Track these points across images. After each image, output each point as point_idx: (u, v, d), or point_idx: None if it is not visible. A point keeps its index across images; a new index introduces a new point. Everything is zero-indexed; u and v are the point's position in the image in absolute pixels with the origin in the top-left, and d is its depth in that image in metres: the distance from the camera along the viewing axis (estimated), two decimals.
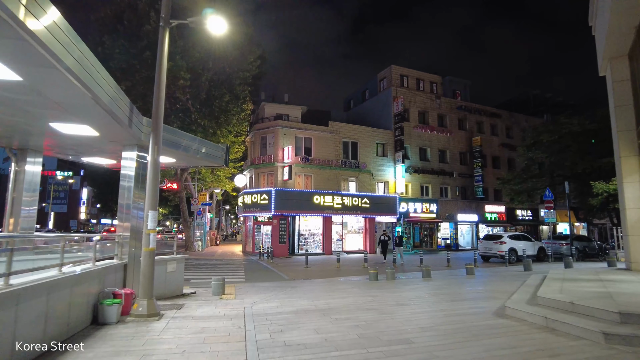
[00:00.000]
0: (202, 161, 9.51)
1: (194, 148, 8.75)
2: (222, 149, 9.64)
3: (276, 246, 24.61)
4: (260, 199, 24.94)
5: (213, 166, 10.55)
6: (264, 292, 9.58)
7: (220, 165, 9.70)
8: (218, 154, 9.59)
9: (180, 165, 9.89)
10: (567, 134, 21.82)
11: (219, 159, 9.58)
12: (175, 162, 9.24)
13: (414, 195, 31.54)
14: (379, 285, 10.40)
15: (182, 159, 9.20)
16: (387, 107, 32.00)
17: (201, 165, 10.16)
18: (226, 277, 14.31)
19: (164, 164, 9.36)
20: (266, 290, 9.85)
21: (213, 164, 9.73)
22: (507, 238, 20.55)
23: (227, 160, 9.78)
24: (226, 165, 9.68)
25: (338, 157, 28.17)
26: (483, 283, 9.87)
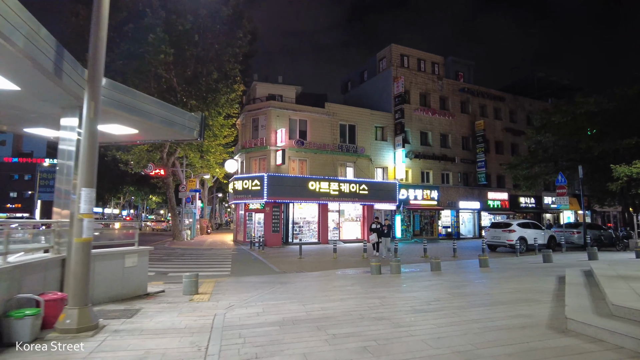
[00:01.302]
0: (172, 133, 7.84)
1: (159, 115, 7.07)
2: (196, 119, 7.97)
3: (269, 235, 23.07)
4: (251, 185, 23.31)
5: (186, 140, 8.81)
6: (247, 290, 8.01)
7: (195, 138, 8.05)
8: (191, 124, 7.92)
9: (145, 138, 8.19)
10: (581, 115, 20.23)
11: (192, 130, 7.92)
12: (137, 133, 7.57)
13: (414, 181, 30.00)
14: (383, 280, 8.86)
15: (146, 130, 7.53)
16: (387, 89, 30.24)
17: (172, 139, 8.48)
18: (209, 270, 12.79)
19: (123, 136, 7.70)
20: (250, 288, 8.29)
21: (185, 137, 8.07)
22: (517, 226, 19.09)
23: (203, 132, 8.12)
24: (201, 138, 8.03)
25: (335, 141, 26.50)
26: (506, 278, 8.35)
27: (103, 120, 6.75)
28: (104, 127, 6.99)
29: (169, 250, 19.74)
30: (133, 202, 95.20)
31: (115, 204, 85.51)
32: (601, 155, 19.62)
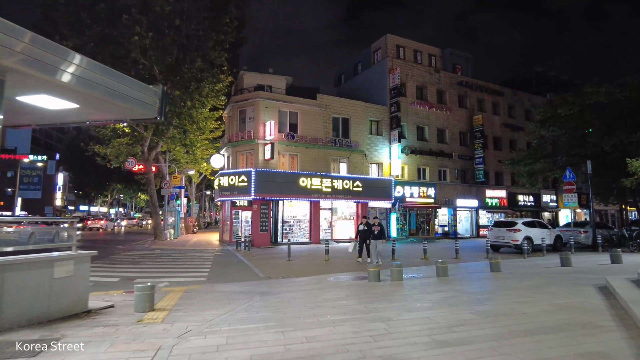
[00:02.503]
0: (126, 110, 6.30)
1: (103, 84, 5.51)
2: (152, 92, 6.42)
3: (257, 234, 21.53)
4: (238, 180, 21.73)
5: (144, 119, 7.14)
6: (217, 304, 6.49)
7: (154, 117, 6.50)
8: (149, 99, 6.37)
9: (94, 117, 6.62)
10: (589, 107, 18.95)
11: (150, 107, 6.37)
12: (79, 109, 6.01)
13: (410, 178, 28.63)
14: (384, 291, 7.39)
15: (90, 104, 5.98)
16: (382, 81, 28.81)
17: (127, 118, 6.85)
18: (184, 275, 11.26)
19: (62, 113, 6.14)
20: (222, 301, 6.78)
21: (143, 115, 6.52)
22: (522, 225, 17.77)
23: (163, 110, 6.59)
24: (161, 117, 6.50)
25: (327, 135, 25.00)
26: (531, 289, 6.85)
27: (23, 87, 5.21)
28: (27, 98, 5.44)
29: (145, 251, 18.12)
30: (121, 200, 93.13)
31: (102, 202, 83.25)
32: (611, 149, 18.36)
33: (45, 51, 4.80)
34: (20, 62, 4.44)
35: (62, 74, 4.99)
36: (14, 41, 4.29)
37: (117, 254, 16.69)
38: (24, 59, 4.47)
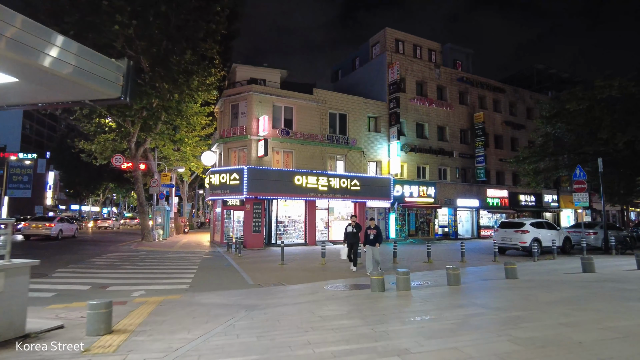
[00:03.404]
0: (80, 88, 5.13)
1: (48, 53, 4.36)
2: (114, 66, 5.26)
3: (249, 235, 20.39)
4: (229, 179, 20.57)
5: (104, 100, 5.78)
6: (189, 326, 5.35)
7: (117, 97, 5.35)
8: (109, 74, 5.22)
9: (36, 94, 5.38)
10: (599, 102, 18.00)
11: (108, 84, 5.20)
12: (19, 84, 4.85)
13: (409, 177, 27.57)
14: (391, 305, 6.29)
15: (33, 78, 4.82)
16: (381, 76, 27.73)
17: (81, 99, 5.60)
18: (165, 281, 10.10)
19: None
20: (197, 322, 5.64)
21: (100, 94, 5.36)
22: (530, 226, 16.76)
23: (129, 89, 5.44)
24: (126, 97, 5.37)
25: (324, 132, 23.89)
26: (567, 303, 5.67)
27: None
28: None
29: (130, 254, 16.93)
30: (114, 200, 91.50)
31: (94, 201, 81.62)
32: (624, 146, 17.41)
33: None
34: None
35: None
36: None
37: (98, 256, 15.50)
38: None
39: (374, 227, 11.47)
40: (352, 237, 12.01)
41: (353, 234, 12.00)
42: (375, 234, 11.33)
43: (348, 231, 12.12)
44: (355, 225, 12.10)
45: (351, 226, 12.12)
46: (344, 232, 12.29)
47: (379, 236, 11.40)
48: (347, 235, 12.15)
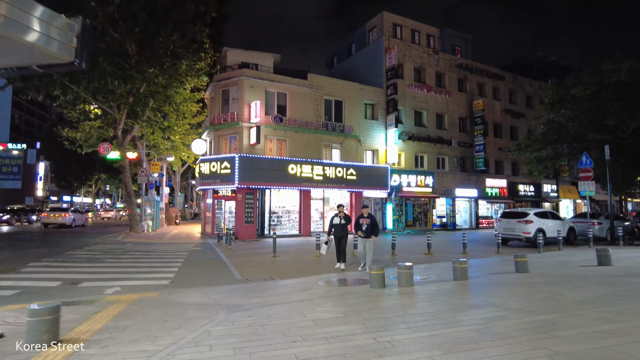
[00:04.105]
0: (17, 46, 4.19)
1: None
2: (65, 23, 4.34)
3: (241, 226, 19.57)
4: (220, 167, 19.66)
5: (51, 65, 4.72)
6: (157, 333, 4.53)
7: (69, 62, 4.43)
8: (56, 32, 4.30)
9: None
10: (607, 86, 17.20)
11: (58, 45, 4.29)
12: None
13: (407, 166, 26.78)
14: (395, 306, 5.50)
15: None
16: (378, 62, 26.77)
17: (27, 64, 4.66)
18: (147, 275, 9.27)
19: None
20: (167, 326, 4.82)
21: (48, 58, 4.44)
22: (534, 216, 16.04)
23: (85, 54, 4.50)
24: (81, 62, 4.42)
25: (319, 119, 22.97)
26: (599, 303, 4.90)
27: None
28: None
29: (114, 246, 16.06)
30: (107, 191, 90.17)
31: (86, 192, 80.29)
32: (633, 133, 16.68)
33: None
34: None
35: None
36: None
37: (79, 248, 14.62)
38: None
39: (368, 216, 9.66)
40: (340, 230, 10.00)
41: (341, 226, 9.99)
42: (369, 224, 9.49)
43: (335, 223, 10.03)
44: (344, 216, 10.12)
45: (338, 217, 10.06)
46: (330, 223, 10.17)
47: (374, 227, 9.49)
48: (332, 228, 10.06)
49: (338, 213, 10.16)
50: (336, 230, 10.02)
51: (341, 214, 10.10)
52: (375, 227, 9.54)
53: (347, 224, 10.05)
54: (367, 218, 9.64)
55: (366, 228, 9.49)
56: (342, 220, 10.02)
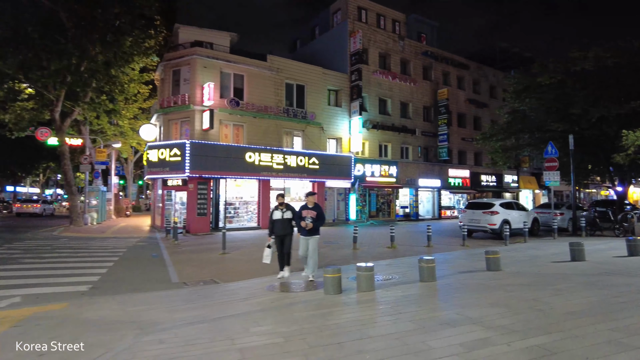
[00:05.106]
0: None
1: None
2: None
3: (193, 219, 18.08)
4: (169, 155, 18.01)
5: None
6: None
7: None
8: None
9: None
10: (572, 75, 16.88)
11: None
12: None
13: (371, 155, 25.96)
14: (350, 321, 4.44)
15: None
16: (342, 46, 25.62)
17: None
18: (63, 280, 7.78)
19: None
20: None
21: None
22: (500, 207, 15.56)
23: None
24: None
25: (279, 104, 21.62)
26: (597, 314, 4.09)
27: None
28: None
29: (45, 242, 14.20)
30: (59, 180, 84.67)
31: (33, 182, 74.88)
32: (590, 124, 16.46)
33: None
34: None
35: None
36: None
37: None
38: None
39: (313, 207, 7.47)
40: (282, 227, 7.62)
41: (283, 222, 7.62)
42: (316, 217, 7.34)
43: (275, 218, 7.66)
44: (287, 207, 7.77)
45: (280, 210, 7.71)
46: (269, 219, 7.81)
47: (320, 219, 7.41)
48: (273, 223, 7.69)
49: (278, 205, 7.78)
50: (277, 228, 7.64)
51: (282, 206, 7.74)
52: (321, 219, 7.45)
53: (291, 219, 7.70)
54: (311, 209, 7.41)
55: (311, 222, 7.27)
56: (284, 214, 7.67)
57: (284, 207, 7.74)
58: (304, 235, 7.41)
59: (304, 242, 7.44)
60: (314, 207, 7.48)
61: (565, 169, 18.14)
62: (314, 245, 7.38)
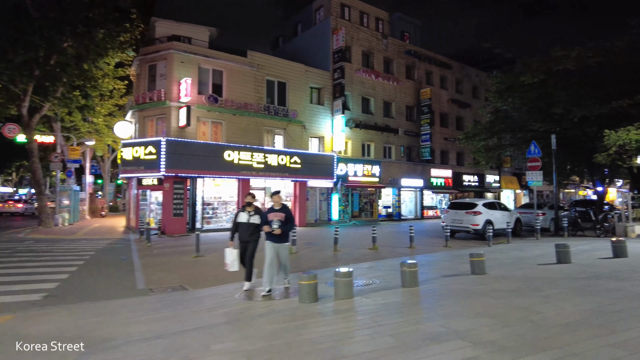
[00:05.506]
0: None
1: None
2: None
3: (169, 220, 17.39)
4: (144, 153, 17.28)
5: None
6: None
7: None
8: None
9: None
10: (555, 74, 16.82)
11: None
12: None
13: (354, 154, 25.62)
14: (325, 337, 4.00)
15: None
16: (325, 44, 25.20)
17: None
18: (16, 287, 7.18)
19: None
20: None
21: None
22: (482, 207, 15.37)
23: None
24: None
25: (260, 101, 21.06)
26: (594, 325, 3.76)
27: None
28: None
29: (8, 244, 13.36)
30: None
31: (5, 180, 72.20)
32: (571, 124, 16.43)
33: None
34: None
35: None
36: None
37: None
38: None
39: (280, 209, 6.46)
40: (247, 232, 6.51)
41: (248, 227, 6.50)
42: (284, 221, 6.31)
43: (240, 220, 6.57)
44: (256, 211, 6.64)
45: (247, 212, 6.59)
46: (233, 221, 6.76)
47: (289, 223, 6.42)
48: (237, 227, 6.61)
49: (246, 206, 6.67)
50: (241, 232, 6.55)
51: (251, 207, 6.63)
52: (290, 223, 6.45)
53: (258, 225, 6.49)
54: (279, 211, 6.39)
55: (279, 226, 6.21)
56: (251, 217, 6.53)
57: (253, 209, 6.63)
58: (272, 241, 6.33)
59: (271, 249, 6.32)
60: (281, 208, 6.44)
61: (547, 169, 18.11)
62: (285, 252, 6.53)
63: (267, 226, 6.24)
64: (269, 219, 6.30)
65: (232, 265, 6.46)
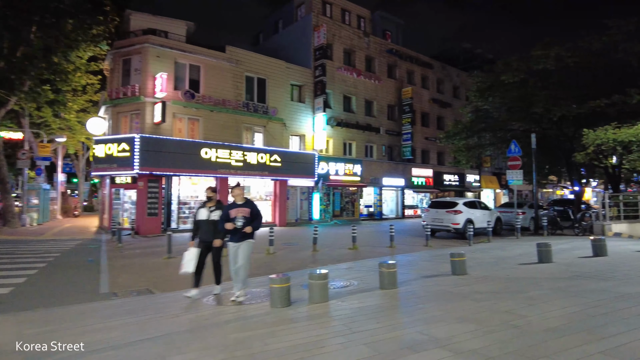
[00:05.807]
0: None
1: None
2: None
3: (142, 220, 16.77)
4: (117, 150, 16.60)
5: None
6: None
7: None
8: None
9: None
10: (535, 74, 16.88)
11: None
12: None
13: (335, 153, 25.35)
14: (295, 346, 3.67)
15: None
16: (306, 41, 24.84)
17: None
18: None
19: None
20: None
21: None
22: (463, 206, 15.27)
23: None
24: None
25: (239, 97, 20.57)
26: (583, 332, 3.52)
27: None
28: None
29: None
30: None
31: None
32: (551, 124, 16.53)
33: None
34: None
35: None
36: None
37: None
38: None
39: (244, 203, 5.68)
40: (208, 231, 5.94)
41: (208, 225, 5.94)
42: (250, 217, 5.55)
43: (200, 219, 6.02)
44: (217, 206, 6.05)
45: (207, 208, 6.05)
46: (193, 219, 6.35)
47: (256, 219, 5.65)
48: (198, 225, 6.06)
49: (206, 202, 6.13)
50: (202, 231, 5.99)
51: (211, 203, 6.08)
52: (257, 220, 5.68)
53: (221, 222, 5.68)
54: (242, 206, 5.61)
55: (243, 224, 5.44)
56: (212, 213, 5.96)
57: (214, 204, 6.03)
58: (233, 241, 5.59)
59: (233, 249, 5.58)
60: (245, 203, 5.64)
61: (526, 169, 18.20)
62: (246, 254, 5.56)
63: (230, 223, 5.43)
64: (232, 215, 5.52)
65: (187, 265, 5.82)
